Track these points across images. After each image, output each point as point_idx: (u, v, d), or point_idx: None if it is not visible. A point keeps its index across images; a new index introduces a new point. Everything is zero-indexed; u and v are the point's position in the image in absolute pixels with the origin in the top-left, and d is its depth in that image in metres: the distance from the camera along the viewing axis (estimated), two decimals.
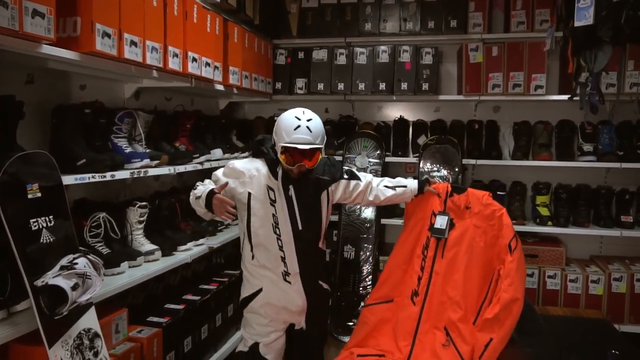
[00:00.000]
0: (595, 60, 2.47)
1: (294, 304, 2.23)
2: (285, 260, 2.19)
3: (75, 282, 1.74)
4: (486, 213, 2.30)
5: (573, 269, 3.52)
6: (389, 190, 2.39)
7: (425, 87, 3.59)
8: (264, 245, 2.19)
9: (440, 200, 2.40)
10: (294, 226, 2.16)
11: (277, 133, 2.13)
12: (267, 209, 2.15)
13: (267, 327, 2.25)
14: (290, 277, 2.21)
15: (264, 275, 2.24)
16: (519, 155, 3.66)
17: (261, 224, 2.16)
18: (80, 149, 2.13)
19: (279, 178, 2.15)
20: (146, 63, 2.17)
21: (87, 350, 1.83)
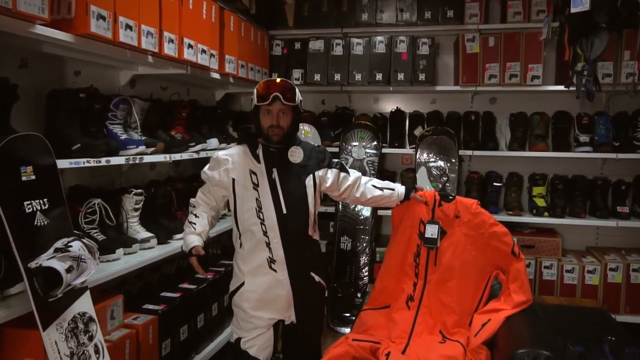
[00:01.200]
0: (592, 47, 2.48)
1: (278, 295, 2.15)
2: (270, 245, 2.12)
3: (70, 265, 1.73)
4: (476, 222, 2.27)
5: (569, 259, 3.53)
6: (376, 190, 2.34)
7: (422, 78, 3.58)
8: (249, 231, 2.14)
9: (428, 208, 2.35)
10: (278, 210, 2.11)
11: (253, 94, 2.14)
12: (250, 194, 2.12)
13: (249, 323, 2.18)
14: (276, 265, 2.13)
15: (249, 263, 2.17)
16: (515, 146, 3.66)
17: (246, 208, 2.13)
18: (75, 133, 2.12)
19: (261, 161, 2.13)
20: (141, 47, 2.16)
21: (82, 334, 1.81)
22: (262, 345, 2.19)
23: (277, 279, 2.14)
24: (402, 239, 2.41)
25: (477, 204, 2.31)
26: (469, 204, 2.31)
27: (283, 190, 2.13)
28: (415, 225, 2.37)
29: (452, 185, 3.65)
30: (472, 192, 3.77)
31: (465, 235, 2.30)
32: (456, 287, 2.28)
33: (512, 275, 2.19)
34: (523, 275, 2.17)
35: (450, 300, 2.27)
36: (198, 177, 3.30)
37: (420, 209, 2.36)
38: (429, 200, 2.35)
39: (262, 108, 2.08)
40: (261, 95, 2.07)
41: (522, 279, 2.17)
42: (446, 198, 2.36)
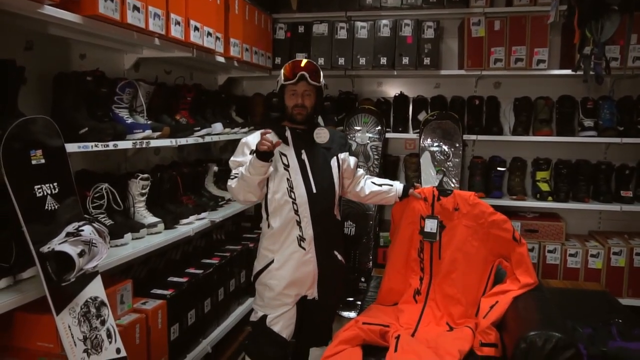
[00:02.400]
0: (602, 30, 2.46)
1: (306, 272, 2.22)
2: (301, 224, 2.19)
3: (82, 249, 1.72)
4: (475, 213, 2.30)
5: (573, 243, 3.54)
6: (375, 186, 2.41)
7: (427, 62, 3.55)
8: (279, 211, 2.19)
9: (427, 204, 2.39)
10: (308, 189, 2.19)
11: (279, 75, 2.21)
12: (281, 174, 2.18)
13: (276, 300, 2.24)
14: (305, 243, 2.20)
15: (278, 242, 2.22)
16: (519, 131, 3.65)
17: (277, 188, 2.18)
18: (82, 117, 2.09)
19: (289, 143, 2.21)
20: (149, 29, 2.13)
21: (94, 319, 1.81)
22: (286, 322, 2.25)
23: (306, 257, 2.21)
24: (404, 236, 2.44)
25: (475, 196, 2.33)
26: (467, 195, 2.34)
27: (312, 170, 2.20)
28: (417, 222, 2.40)
29: (455, 169, 3.64)
30: (476, 176, 3.77)
31: (465, 227, 2.32)
32: (461, 278, 2.31)
33: (515, 261, 2.21)
34: (527, 259, 2.20)
35: (456, 292, 2.29)
36: (202, 162, 3.31)
37: (420, 205, 2.39)
38: (427, 196, 2.39)
39: (288, 88, 2.16)
40: (287, 75, 2.15)
41: (526, 262, 2.19)
42: (444, 192, 2.38)
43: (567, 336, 1.79)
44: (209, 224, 2.87)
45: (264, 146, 2.01)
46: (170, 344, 2.42)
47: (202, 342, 2.74)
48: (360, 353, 2.03)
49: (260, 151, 2.03)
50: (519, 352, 1.79)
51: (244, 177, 2.12)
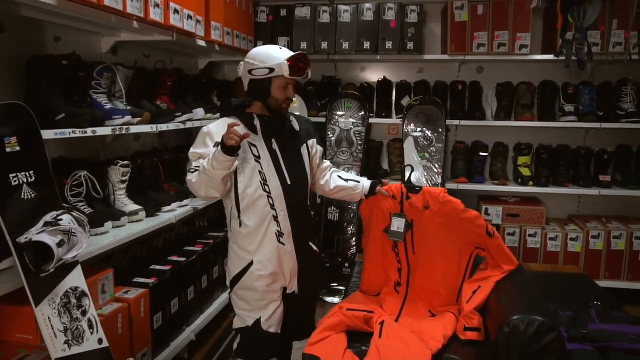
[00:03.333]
0: (585, 15, 2.46)
1: (287, 268, 2.09)
2: (278, 219, 2.03)
3: (61, 239, 1.68)
4: (446, 210, 2.19)
5: (553, 227, 3.60)
6: (341, 181, 2.25)
7: (410, 47, 3.53)
8: (253, 207, 2.02)
9: (396, 202, 2.24)
10: (283, 181, 2.03)
11: (265, 60, 1.96)
12: (252, 167, 2.00)
13: (264, 300, 2.08)
14: (284, 238, 2.05)
15: (256, 241, 2.05)
16: (501, 116, 3.67)
17: (249, 183, 2.00)
18: (59, 103, 2.03)
19: (259, 132, 2.02)
20: (127, 12, 2.06)
21: (75, 309, 1.77)
22: (278, 319, 2.12)
23: (285, 251, 2.07)
24: (376, 233, 2.33)
25: (445, 192, 2.21)
26: (437, 193, 2.21)
27: (285, 161, 2.05)
28: (387, 220, 2.28)
29: (439, 155, 3.65)
30: (458, 161, 3.79)
31: (437, 224, 2.23)
32: (439, 272, 2.25)
33: (493, 250, 2.17)
34: (504, 248, 2.15)
35: (435, 285, 2.25)
36: (183, 149, 3.25)
37: (389, 204, 2.25)
38: (396, 193, 2.24)
39: (282, 80, 1.97)
40: (296, 69, 1.95)
41: (504, 250, 2.14)
42: (413, 190, 2.24)
43: (550, 320, 1.81)
44: (192, 211, 2.84)
45: (232, 141, 1.81)
46: (153, 332, 2.40)
47: (186, 330, 2.73)
48: (345, 339, 2.03)
49: (227, 145, 1.83)
50: (502, 336, 1.80)
51: (206, 172, 1.89)
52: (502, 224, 3.60)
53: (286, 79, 1.96)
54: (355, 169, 3.74)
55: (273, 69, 1.95)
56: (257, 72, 1.98)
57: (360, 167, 3.74)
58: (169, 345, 2.55)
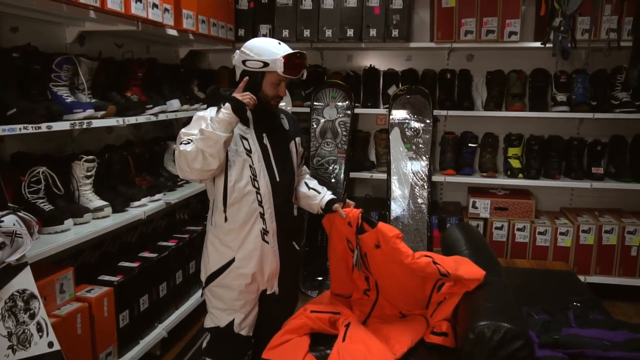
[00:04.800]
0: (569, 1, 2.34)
1: (269, 267, 2.02)
2: (264, 216, 1.96)
3: (2, 241, 1.62)
4: (395, 257, 1.97)
5: (542, 221, 3.49)
6: (304, 187, 2.16)
7: (395, 34, 3.41)
8: (240, 202, 1.94)
9: (352, 230, 2.06)
10: (272, 177, 1.96)
11: (260, 53, 1.87)
12: (243, 160, 1.92)
13: (239, 301, 2.01)
14: (269, 236, 1.98)
15: (240, 238, 1.97)
16: (491, 106, 3.55)
17: (239, 177, 1.92)
18: (10, 97, 1.95)
19: (251, 125, 1.94)
20: (80, 1, 1.96)
21: (22, 313, 1.71)
22: (252, 322, 2.07)
23: (269, 251, 2.00)
24: (337, 248, 2.19)
25: (397, 237, 1.96)
26: (389, 236, 1.97)
27: (275, 156, 1.98)
28: (344, 242, 2.13)
29: (425, 146, 3.55)
30: (447, 153, 3.69)
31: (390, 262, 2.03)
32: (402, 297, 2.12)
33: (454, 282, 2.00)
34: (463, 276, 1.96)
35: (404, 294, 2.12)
36: (160, 141, 3.18)
37: (345, 227, 2.08)
38: (352, 221, 2.05)
39: (275, 77, 1.87)
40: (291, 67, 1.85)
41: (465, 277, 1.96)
42: (369, 222, 2.03)
43: (517, 326, 1.73)
44: (164, 205, 2.77)
45: (247, 98, 1.79)
46: (119, 331, 2.35)
47: (158, 327, 2.68)
48: (307, 342, 1.95)
49: (242, 101, 1.78)
50: (467, 343, 1.72)
51: (205, 135, 1.76)
52: (490, 217, 3.50)
53: (279, 75, 1.87)
54: (340, 161, 3.65)
55: (267, 63, 1.86)
56: (250, 64, 1.89)
57: (345, 158, 3.65)
58: (137, 343, 2.50)
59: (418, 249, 3.43)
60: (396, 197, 3.57)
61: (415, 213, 3.54)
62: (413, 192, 3.56)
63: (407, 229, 3.53)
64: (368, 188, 4.03)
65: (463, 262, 2.05)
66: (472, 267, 2.00)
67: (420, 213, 3.54)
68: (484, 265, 2.25)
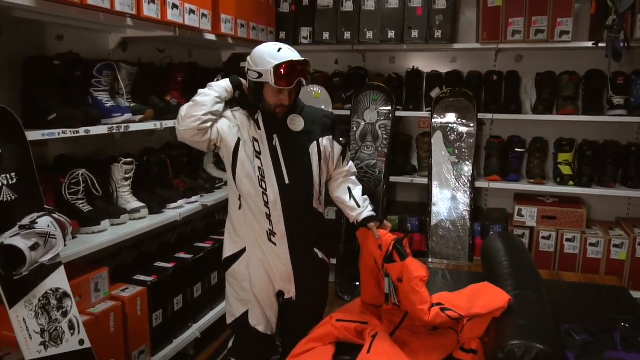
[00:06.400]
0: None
1: (277, 269, 2.03)
2: (271, 218, 1.97)
3: (35, 242, 1.68)
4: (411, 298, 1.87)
5: (595, 232, 3.28)
6: (345, 195, 2.11)
7: (438, 35, 3.31)
8: (248, 198, 1.99)
9: (381, 253, 1.99)
10: (280, 180, 1.95)
11: (257, 63, 1.87)
12: (253, 161, 1.96)
13: (251, 292, 2.06)
14: (276, 238, 1.99)
15: (249, 230, 2.03)
16: (540, 109, 3.37)
17: (246, 174, 1.97)
18: (51, 103, 2.03)
19: (261, 127, 1.95)
20: (115, 9, 2.02)
21: (55, 310, 1.78)
22: (266, 319, 2.09)
23: (277, 253, 2.01)
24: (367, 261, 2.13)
25: (421, 280, 1.85)
26: (413, 275, 1.86)
27: (285, 158, 1.96)
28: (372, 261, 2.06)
29: (469, 151, 3.42)
30: (492, 158, 3.54)
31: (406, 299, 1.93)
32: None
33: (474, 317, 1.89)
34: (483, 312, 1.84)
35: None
36: None
37: (375, 249, 2.02)
38: (383, 245, 1.98)
39: (274, 87, 1.85)
40: (283, 78, 1.83)
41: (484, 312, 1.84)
42: (400, 253, 1.93)
43: (550, 347, 1.62)
44: (200, 207, 2.81)
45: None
46: (152, 330, 2.40)
47: (192, 327, 2.73)
48: (330, 352, 1.92)
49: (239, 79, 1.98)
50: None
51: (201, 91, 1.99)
52: (537, 226, 3.32)
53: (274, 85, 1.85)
54: (380, 165, 3.59)
55: (261, 74, 1.86)
56: (250, 74, 1.94)
57: (386, 162, 3.58)
58: (171, 342, 2.55)
59: (459, 258, 3.35)
60: (437, 202, 3.47)
61: (457, 220, 3.42)
62: (455, 198, 3.44)
63: (448, 236, 3.42)
64: (409, 192, 3.94)
65: (481, 292, 1.94)
66: (492, 296, 1.89)
67: (462, 220, 3.42)
68: (523, 278, 2.15)
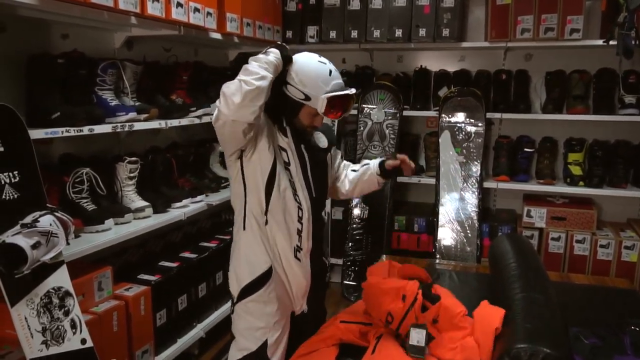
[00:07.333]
0: None
1: (299, 286, 1.89)
2: (302, 233, 1.82)
3: (37, 241, 1.68)
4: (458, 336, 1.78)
5: (605, 233, 3.22)
6: (352, 173, 2.04)
7: (446, 33, 3.27)
8: (284, 213, 1.79)
9: (405, 305, 1.83)
10: (310, 193, 1.83)
11: (306, 84, 1.69)
12: (284, 173, 1.78)
13: (274, 317, 1.83)
14: (301, 254, 1.84)
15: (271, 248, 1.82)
16: (550, 109, 3.32)
17: (284, 187, 1.78)
18: (54, 102, 2.04)
19: (289, 135, 1.78)
20: (119, 8, 2.01)
21: (56, 309, 1.78)
22: (284, 348, 1.90)
23: (302, 269, 1.86)
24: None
25: (464, 315, 1.78)
26: (454, 312, 1.79)
27: (312, 170, 1.85)
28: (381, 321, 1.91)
29: (477, 151, 3.38)
30: (501, 158, 3.49)
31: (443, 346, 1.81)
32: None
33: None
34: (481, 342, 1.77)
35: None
36: (207, 142, 3.22)
37: (392, 301, 1.86)
38: (408, 294, 1.83)
39: (316, 111, 1.72)
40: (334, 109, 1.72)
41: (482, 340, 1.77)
42: (430, 298, 1.81)
43: (558, 350, 1.59)
44: (205, 207, 2.80)
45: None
46: (156, 329, 2.39)
47: (197, 327, 2.72)
48: (334, 353, 1.90)
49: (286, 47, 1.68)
50: None
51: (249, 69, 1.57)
52: (546, 227, 3.28)
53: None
54: None
55: (309, 97, 1.70)
56: (291, 90, 1.71)
57: None
58: (175, 342, 2.54)
59: (467, 259, 3.31)
60: (445, 202, 3.43)
61: (464, 220, 3.38)
62: (463, 199, 3.40)
63: (455, 237, 3.38)
64: (418, 192, 3.90)
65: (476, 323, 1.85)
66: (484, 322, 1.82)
67: (470, 220, 3.38)
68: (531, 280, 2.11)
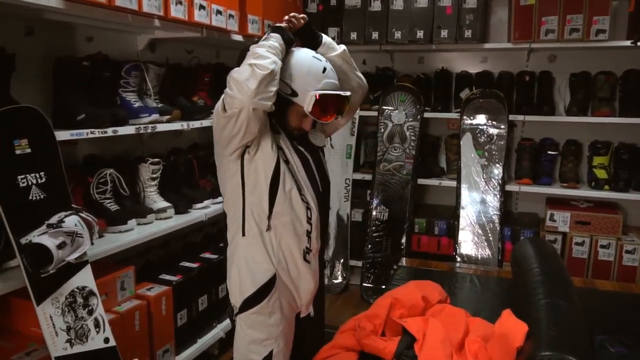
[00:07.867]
0: None
1: (307, 289, 1.79)
2: (311, 234, 1.71)
3: (62, 241, 1.70)
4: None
5: (631, 238, 3.15)
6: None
7: (468, 35, 3.23)
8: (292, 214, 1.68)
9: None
10: (316, 189, 1.72)
11: (294, 77, 1.60)
12: (289, 172, 1.67)
13: (279, 326, 1.73)
14: (310, 256, 1.74)
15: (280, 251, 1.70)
16: (574, 111, 3.26)
17: (290, 186, 1.67)
18: (79, 103, 2.06)
19: (281, 133, 1.69)
20: (143, 11, 2.03)
21: (81, 308, 1.81)
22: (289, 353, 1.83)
23: (309, 271, 1.76)
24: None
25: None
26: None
27: (316, 164, 1.76)
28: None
29: (499, 153, 3.34)
30: (523, 160, 3.45)
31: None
32: None
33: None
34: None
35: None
36: None
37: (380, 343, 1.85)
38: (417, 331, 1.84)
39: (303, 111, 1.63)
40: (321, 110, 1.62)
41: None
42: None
43: (583, 358, 1.56)
44: None
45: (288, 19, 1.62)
46: (177, 329, 2.42)
47: (217, 327, 2.73)
48: (354, 358, 1.89)
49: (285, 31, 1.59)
50: None
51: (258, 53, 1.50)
52: (570, 232, 3.22)
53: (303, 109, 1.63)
54: (408, 167, 3.53)
55: (296, 93, 1.60)
56: (279, 83, 1.56)
57: (413, 164, 3.52)
58: (195, 342, 2.56)
59: (488, 263, 3.27)
60: (466, 205, 3.40)
61: (486, 223, 3.34)
62: (484, 202, 3.36)
63: (477, 241, 3.34)
64: (438, 195, 3.87)
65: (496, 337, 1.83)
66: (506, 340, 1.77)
67: (492, 224, 3.33)
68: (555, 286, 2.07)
